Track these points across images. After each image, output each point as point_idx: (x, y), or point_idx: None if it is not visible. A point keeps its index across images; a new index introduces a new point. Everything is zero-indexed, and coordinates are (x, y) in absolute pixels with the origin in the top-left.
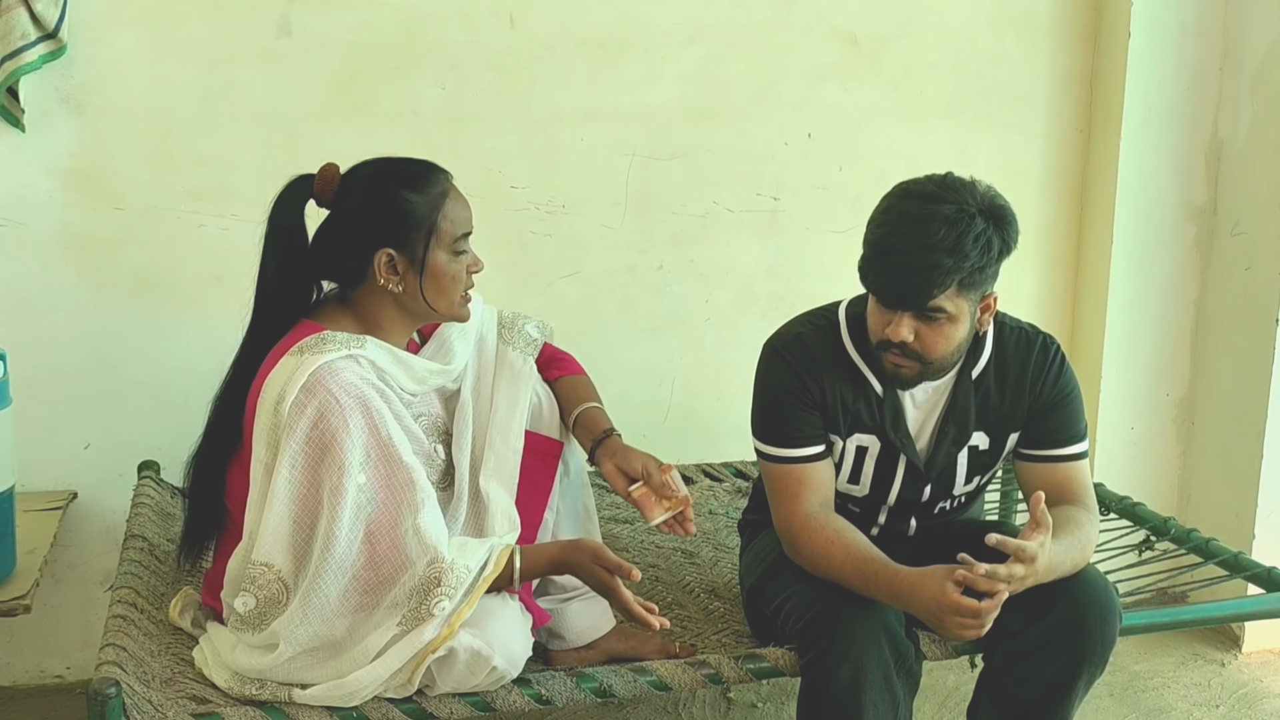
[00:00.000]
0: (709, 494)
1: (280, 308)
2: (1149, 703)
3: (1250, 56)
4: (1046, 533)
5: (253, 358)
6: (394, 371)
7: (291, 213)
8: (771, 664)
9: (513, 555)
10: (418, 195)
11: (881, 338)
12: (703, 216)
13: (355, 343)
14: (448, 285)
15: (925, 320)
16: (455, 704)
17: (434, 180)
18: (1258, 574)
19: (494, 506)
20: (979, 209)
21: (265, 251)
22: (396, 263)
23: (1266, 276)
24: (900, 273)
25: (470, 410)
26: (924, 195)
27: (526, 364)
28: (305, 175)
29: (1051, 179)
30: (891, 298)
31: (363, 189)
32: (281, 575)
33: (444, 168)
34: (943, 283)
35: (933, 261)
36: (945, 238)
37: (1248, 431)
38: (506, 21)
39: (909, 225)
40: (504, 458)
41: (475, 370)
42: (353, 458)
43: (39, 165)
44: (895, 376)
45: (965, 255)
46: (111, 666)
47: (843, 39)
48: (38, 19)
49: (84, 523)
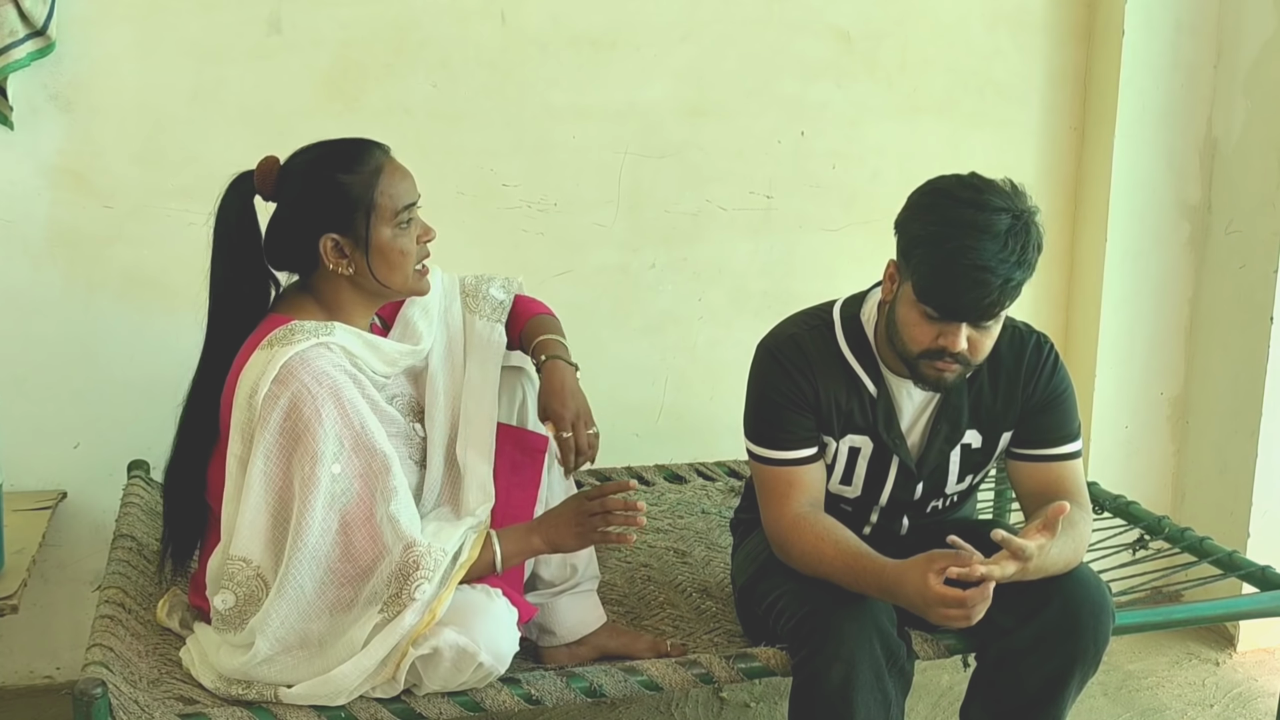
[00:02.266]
0: (701, 493)
1: (237, 306)
2: (1143, 702)
3: (1244, 54)
4: (1050, 538)
5: (217, 357)
6: (365, 355)
7: (236, 210)
8: (763, 663)
9: (490, 539)
10: (351, 175)
11: (930, 347)
12: (695, 215)
13: (324, 330)
14: (397, 260)
15: (979, 328)
16: (444, 703)
17: (366, 158)
18: (1252, 573)
19: (469, 477)
20: (1028, 214)
21: (214, 251)
22: (342, 245)
23: (1260, 275)
24: (981, 290)
25: (441, 381)
26: (978, 204)
27: (495, 330)
28: (246, 172)
29: (1045, 177)
30: (963, 312)
31: (299, 176)
32: (260, 571)
33: (379, 142)
34: (1015, 295)
35: (1008, 276)
36: (1013, 250)
37: (1242, 430)
38: (498, 19)
39: (984, 240)
40: (479, 426)
41: (444, 341)
42: (326, 447)
43: (27, 163)
44: (939, 382)
45: (1031, 266)
46: (98, 667)
47: (836, 36)
48: (26, 16)
49: (73, 522)
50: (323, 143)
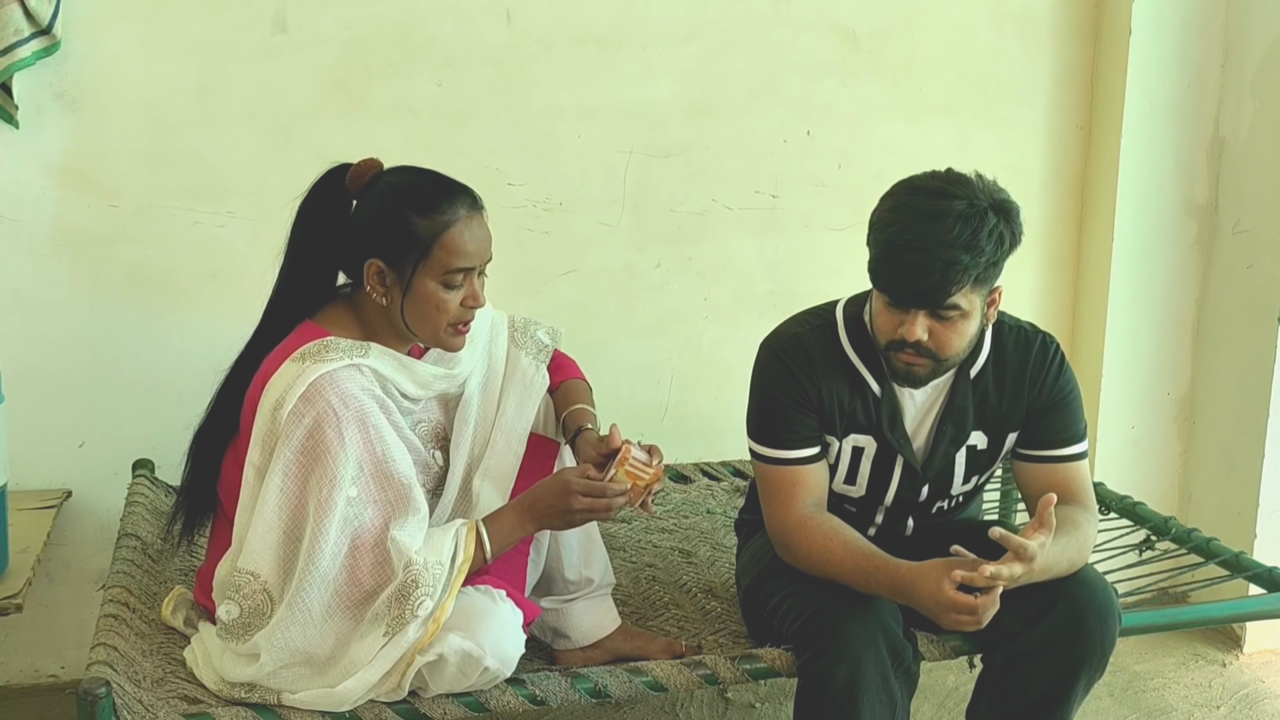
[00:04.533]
0: (706, 493)
1: (297, 295)
2: (1150, 703)
3: (1252, 54)
4: (1049, 534)
5: (262, 345)
6: (397, 378)
7: (321, 201)
8: (768, 664)
9: (479, 533)
10: (421, 217)
11: (893, 338)
12: (701, 214)
13: (359, 350)
14: (430, 313)
15: (939, 319)
16: (449, 704)
17: (447, 207)
18: (1259, 574)
19: (482, 506)
20: (989, 204)
21: (291, 235)
22: (385, 275)
23: (1268, 274)
24: (918, 271)
25: (475, 409)
26: (933, 192)
27: (540, 372)
28: (343, 165)
29: (1052, 176)
30: (908, 297)
31: (380, 194)
32: (267, 586)
33: (475, 196)
34: (960, 280)
35: (950, 259)
36: (961, 234)
37: (1249, 430)
38: (503, 18)
39: (923, 223)
40: (504, 459)
41: (484, 371)
42: (345, 471)
43: (33, 162)
44: (908, 375)
45: (981, 251)
46: (102, 666)
47: (842, 35)
48: (31, 15)
49: (78, 521)
50: (422, 171)
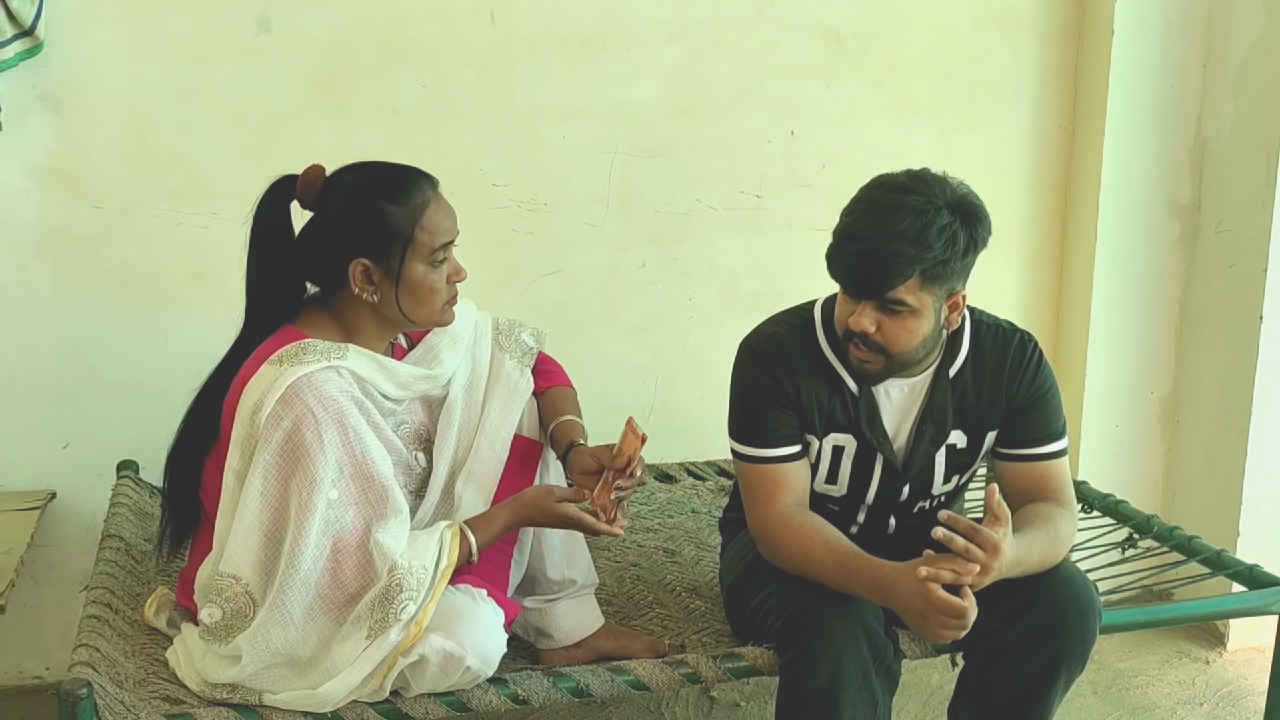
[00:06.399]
0: (691, 493)
1: (269, 307)
2: (1133, 700)
3: (1234, 53)
4: (1006, 525)
5: (239, 355)
6: (376, 379)
7: (273, 213)
8: (750, 663)
9: (464, 534)
10: (396, 206)
11: (847, 329)
12: (685, 214)
13: (336, 352)
14: (425, 296)
15: (887, 312)
16: (431, 704)
17: (415, 190)
18: (1240, 572)
19: (464, 509)
20: (947, 202)
21: (249, 251)
22: (372, 273)
23: (1250, 274)
24: (862, 259)
25: (459, 412)
26: (894, 186)
27: (524, 376)
28: (289, 176)
29: (1035, 176)
30: (853, 286)
31: (343, 196)
32: (249, 589)
33: (429, 174)
34: (903, 272)
35: (894, 250)
36: (909, 227)
37: (1232, 429)
38: (487, 18)
39: (874, 214)
40: (487, 463)
41: (468, 373)
42: (325, 473)
43: (16, 164)
44: (860, 370)
45: (928, 246)
46: (84, 667)
47: (826, 36)
48: (14, 16)
49: (63, 523)
50: (372, 164)
